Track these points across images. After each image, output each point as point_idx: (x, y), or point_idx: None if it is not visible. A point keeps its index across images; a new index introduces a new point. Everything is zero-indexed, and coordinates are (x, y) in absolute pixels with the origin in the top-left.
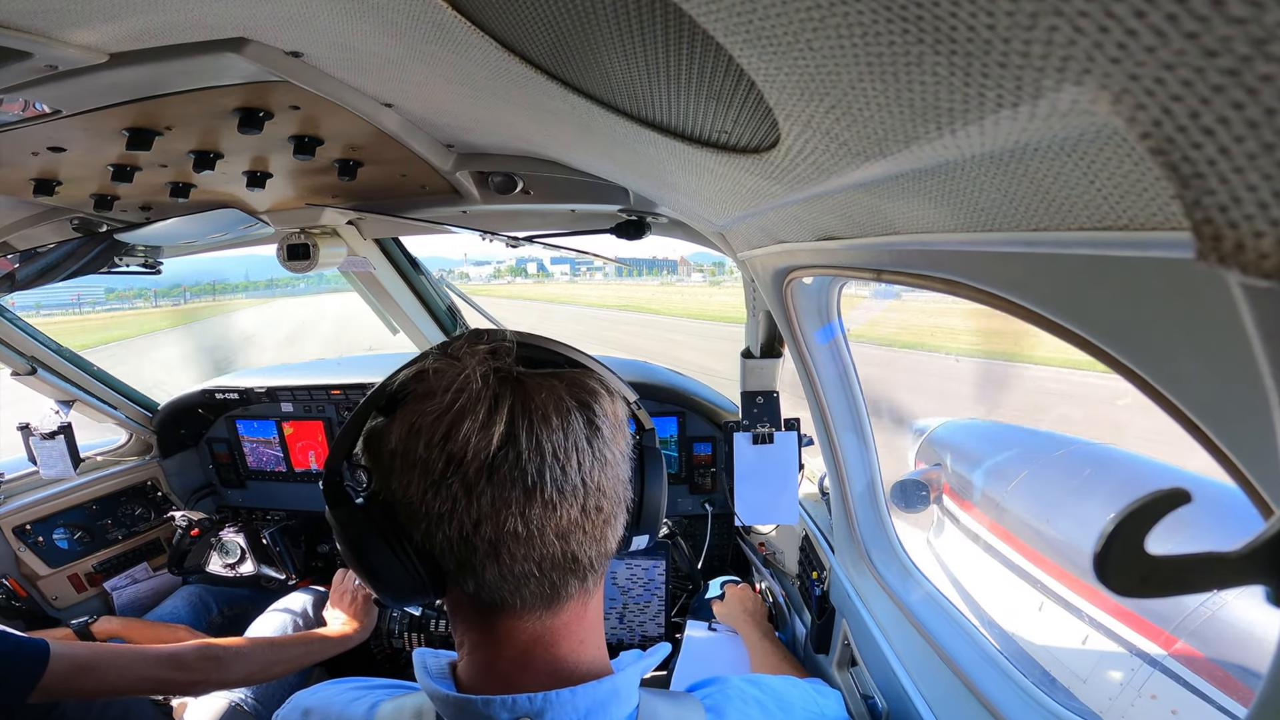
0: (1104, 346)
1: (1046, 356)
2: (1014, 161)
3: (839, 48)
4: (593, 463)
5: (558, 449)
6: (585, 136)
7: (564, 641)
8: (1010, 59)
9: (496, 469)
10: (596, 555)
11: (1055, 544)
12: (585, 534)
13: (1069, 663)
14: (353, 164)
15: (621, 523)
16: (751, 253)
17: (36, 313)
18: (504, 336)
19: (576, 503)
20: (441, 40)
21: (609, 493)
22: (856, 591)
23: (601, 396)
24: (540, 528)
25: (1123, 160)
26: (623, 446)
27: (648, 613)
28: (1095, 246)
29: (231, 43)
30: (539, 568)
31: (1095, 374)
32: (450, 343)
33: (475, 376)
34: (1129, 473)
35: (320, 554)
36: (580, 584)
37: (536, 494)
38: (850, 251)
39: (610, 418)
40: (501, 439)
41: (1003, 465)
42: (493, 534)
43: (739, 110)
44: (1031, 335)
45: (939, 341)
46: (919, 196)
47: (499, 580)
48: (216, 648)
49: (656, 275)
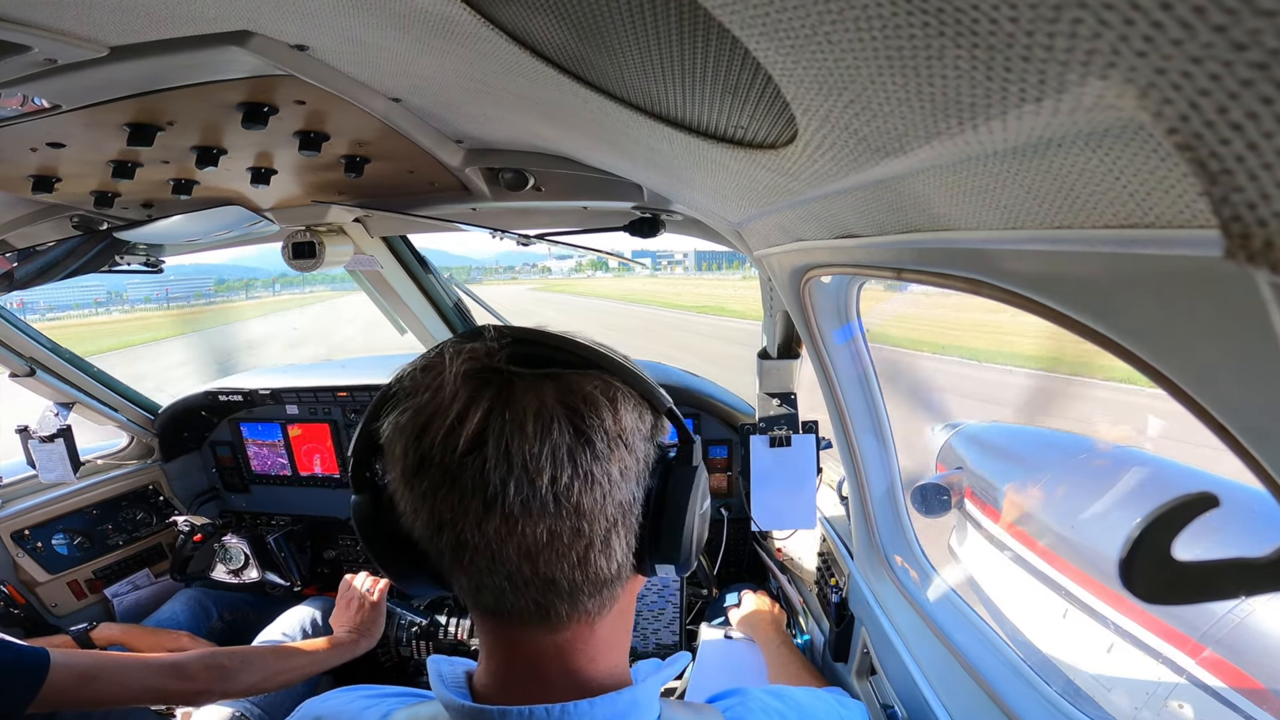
0: (1130, 347)
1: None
2: (1037, 157)
3: (858, 41)
4: (572, 479)
5: (529, 460)
6: (598, 132)
7: (570, 659)
8: (1034, 52)
9: (458, 475)
10: (583, 580)
11: (1080, 549)
12: (559, 556)
13: (1093, 671)
14: (359, 160)
15: (620, 548)
16: (768, 251)
17: (99, 311)
18: (502, 333)
19: (544, 521)
20: (450, 34)
21: (592, 515)
22: (876, 598)
23: (600, 405)
24: (500, 544)
25: (1149, 156)
26: (627, 463)
27: (662, 620)
28: (1121, 245)
29: (235, 36)
30: (510, 583)
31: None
32: (454, 339)
33: (452, 375)
34: (1156, 477)
35: (326, 560)
36: (570, 606)
37: (496, 506)
38: (869, 250)
39: (608, 430)
40: (469, 443)
41: (1026, 469)
42: (452, 541)
43: (755, 105)
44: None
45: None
46: (940, 193)
47: (475, 588)
48: (221, 656)
49: (737, 269)
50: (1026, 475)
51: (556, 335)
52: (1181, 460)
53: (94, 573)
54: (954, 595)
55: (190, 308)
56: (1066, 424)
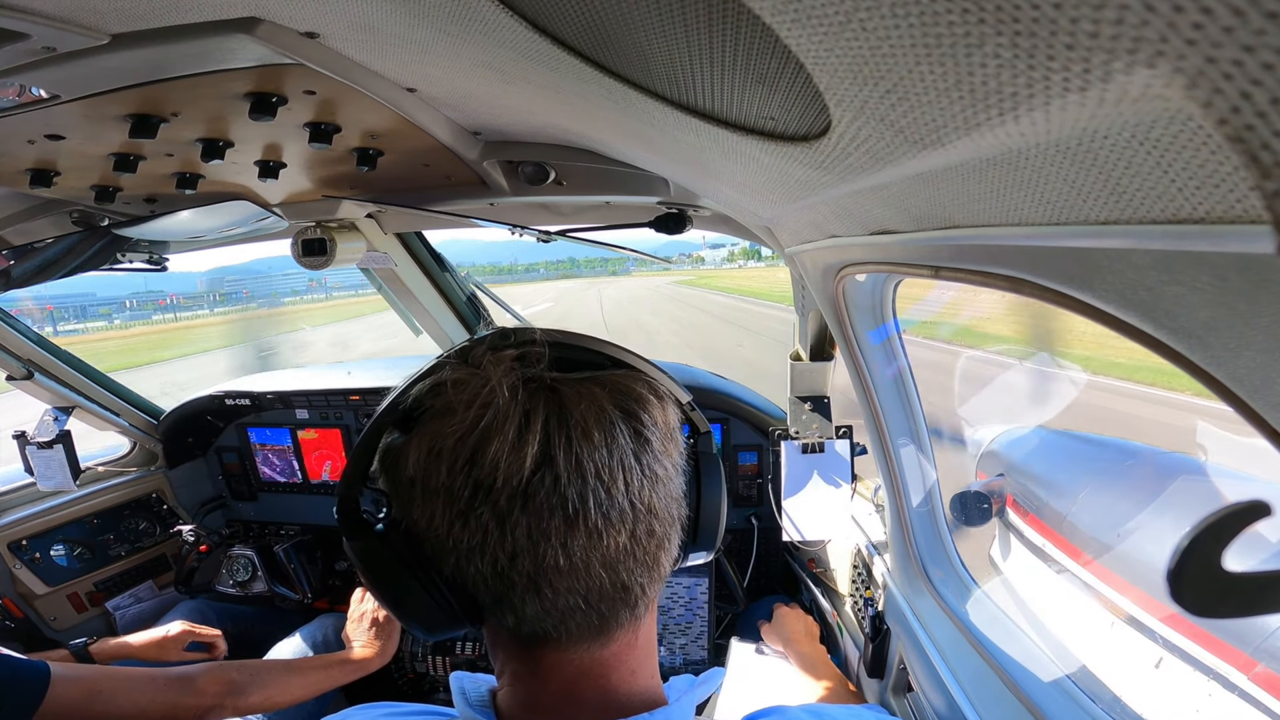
0: (1180, 350)
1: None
2: (1081, 150)
3: (894, 27)
4: (642, 481)
5: (601, 468)
6: (622, 123)
7: (613, 673)
8: (1078, 40)
9: (531, 496)
10: (649, 582)
11: (1127, 560)
12: (636, 561)
13: (1140, 687)
14: (372, 153)
15: (676, 543)
16: (800, 248)
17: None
18: (533, 337)
19: (625, 528)
20: (467, 20)
21: (661, 513)
22: (913, 611)
23: (650, 403)
24: (585, 559)
25: (1198, 148)
26: (675, 458)
27: (690, 634)
28: (1168, 240)
29: (242, 23)
30: (585, 600)
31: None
32: (471, 347)
33: (501, 388)
34: (1208, 484)
35: (337, 571)
36: (630, 612)
37: (579, 522)
38: (906, 247)
39: (660, 427)
40: (536, 461)
41: (1072, 476)
42: (531, 568)
43: (786, 95)
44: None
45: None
46: (980, 187)
47: (541, 615)
48: (231, 670)
49: None
50: (1072, 482)
51: (583, 335)
52: (1244, 470)
53: (95, 585)
54: (995, 609)
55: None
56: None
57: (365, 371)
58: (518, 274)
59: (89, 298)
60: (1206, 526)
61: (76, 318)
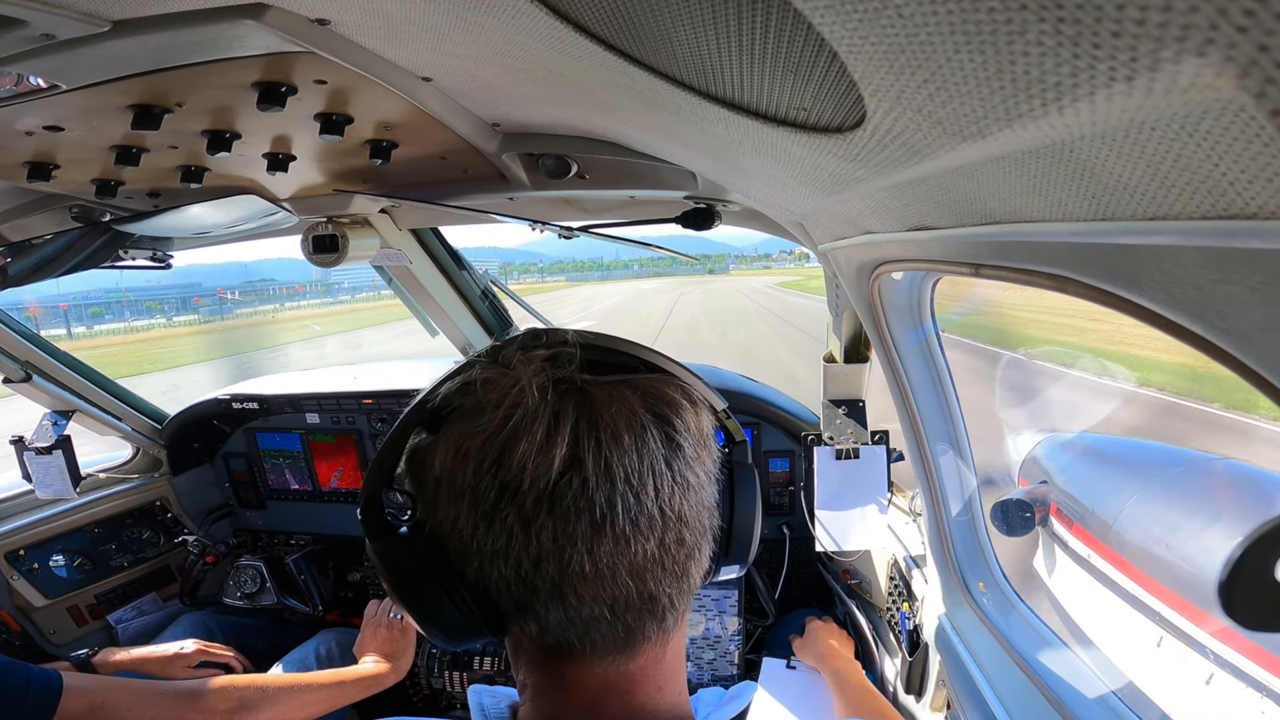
0: (1232, 351)
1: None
2: (1127, 142)
3: (933, 14)
4: (672, 488)
5: (631, 473)
6: (647, 115)
7: (639, 689)
8: (1124, 27)
9: (558, 499)
10: (678, 593)
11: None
12: (664, 570)
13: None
14: (386, 145)
15: (707, 554)
16: (834, 245)
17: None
18: (565, 338)
19: (654, 536)
20: (485, 6)
21: (692, 522)
22: (953, 626)
23: (683, 408)
24: (611, 566)
25: (1251, 140)
26: (708, 466)
27: (718, 648)
28: (1219, 237)
29: (250, 9)
30: (610, 610)
31: None
32: (502, 347)
33: (531, 388)
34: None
35: (349, 583)
36: (658, 625)
37: (606, 527)
38: (944, 243)
39: (694, 433)
40: (564, 463)
41: (1118, 483)
42: (555, 574)
43: (819, 85)
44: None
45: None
46: (1022, 181)
47: (565, 624)
48: (240, 685)
49: None
50: (1119, 490)
51: (615, 337)
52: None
53: (96, 597)
54: (1039, 623)
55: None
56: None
57: (379, 373)
58: (604, 270)
59: (195, 289)
60: (1259, 536)
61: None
